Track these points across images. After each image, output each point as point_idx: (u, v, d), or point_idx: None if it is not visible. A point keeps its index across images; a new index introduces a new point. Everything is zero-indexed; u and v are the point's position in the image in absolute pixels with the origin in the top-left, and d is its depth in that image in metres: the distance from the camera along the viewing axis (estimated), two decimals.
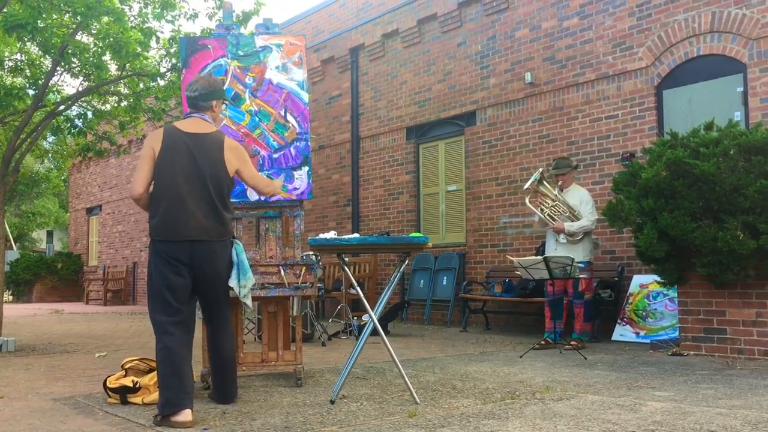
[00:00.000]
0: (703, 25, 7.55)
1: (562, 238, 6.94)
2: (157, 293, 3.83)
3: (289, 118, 5.07)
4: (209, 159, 3.92)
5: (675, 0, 7.83)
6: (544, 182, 7.07)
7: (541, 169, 7.16)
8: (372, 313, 4.34)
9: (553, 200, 7.01)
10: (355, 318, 9.04)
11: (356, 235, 5.07)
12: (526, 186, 7.11)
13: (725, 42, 7.38)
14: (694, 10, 7.65)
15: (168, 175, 3.84)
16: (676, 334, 6.69)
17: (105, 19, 7.49)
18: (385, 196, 11.52)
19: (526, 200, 7.19)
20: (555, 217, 6.97)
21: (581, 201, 7.00)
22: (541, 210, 7.01)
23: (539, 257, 6.45)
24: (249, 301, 4.17)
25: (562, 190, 7.11)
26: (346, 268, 4.55)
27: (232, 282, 4.06)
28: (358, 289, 4.62)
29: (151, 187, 3.94)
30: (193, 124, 4.02)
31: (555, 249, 6.98)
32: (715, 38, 7.47)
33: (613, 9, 8.42)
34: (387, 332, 8.38)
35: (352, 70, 12.27)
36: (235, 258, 4.06)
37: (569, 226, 6.88)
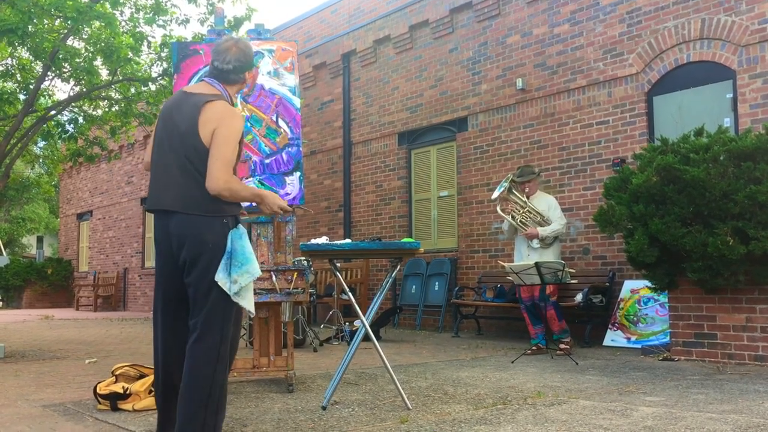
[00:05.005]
0: (693, 32, 7.60)
1: (535, 243, 7.00)
2: (154, 287, 3.35)
3: (281, 123, 5.07)
4: (185, 121, 3.20)
5: (665, 7, 7.88)
6: (513, 190, 7.13)
7: (510, 176, 7.21)
8: (363, 319, 4.34)
9: (522, 206, 7.07)
10: (347, 323, 9.03)
11: (348, 240, 5.07)
12: (495, 195, 7.17)
13: (715, 48, 7.43)
14: (684, 17, 7.70)
15: (156, 143, 3.34)
16: (667, 339, 6.71)
17: (96, 24, 7.49)
18: (377, 202, 11.52)
19: (498, 208, 7.26)
20: (527, 223, 7.02)
21: (549, 207, 7.09)
22: (512, 217, 7.07)
23: (530, 262, 6.47)
24: (245, 303, 3.17)
25: (528, 198, 7.17)
26: (338, 274, 4.55)
27: (219, 275, 3.09)
28: (350, 294, 4.61)
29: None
30: (198, 87, 3.35)
31: (528, 255, 7.03)
32: (704, 45, 7.52)
33: (604, 16, 8.47)
34: (379, 338, 8.37)
35: (343, 76, 12.28)
36: (229, 246, 3.15)
37: (542, 230, 6.96)
